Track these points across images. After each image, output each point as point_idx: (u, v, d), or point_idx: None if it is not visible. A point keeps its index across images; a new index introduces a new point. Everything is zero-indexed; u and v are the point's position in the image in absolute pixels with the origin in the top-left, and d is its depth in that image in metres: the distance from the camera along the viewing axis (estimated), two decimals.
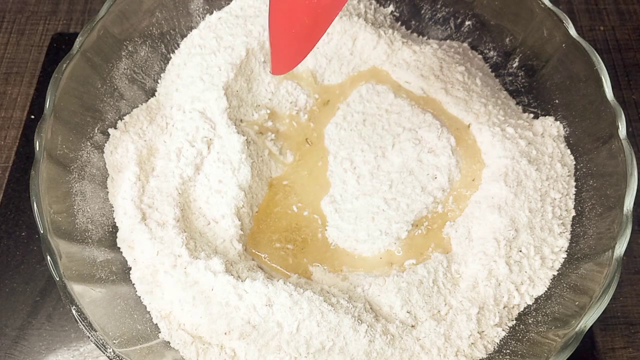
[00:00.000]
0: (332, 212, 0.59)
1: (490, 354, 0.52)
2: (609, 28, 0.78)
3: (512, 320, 0.54)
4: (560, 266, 0.55)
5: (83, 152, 0.57)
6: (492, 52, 0.68)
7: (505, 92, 0.67)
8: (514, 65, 0.66)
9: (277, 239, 0.59)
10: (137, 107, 0.63)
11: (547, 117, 0.64)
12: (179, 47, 0.67)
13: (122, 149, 0.59)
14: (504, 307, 0.54)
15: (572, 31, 0.58)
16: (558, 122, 0.63)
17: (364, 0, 0.69)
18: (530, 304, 0.54)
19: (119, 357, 0.47)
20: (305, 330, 0.50)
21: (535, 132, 0.62)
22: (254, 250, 0.58)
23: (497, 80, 0.68)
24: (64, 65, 0.55)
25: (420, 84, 0.65)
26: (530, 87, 0.65)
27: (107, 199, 0.58)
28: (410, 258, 0.57)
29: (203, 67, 0.63)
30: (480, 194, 0.59)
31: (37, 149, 0.52)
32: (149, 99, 0.64)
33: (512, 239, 0.55)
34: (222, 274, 0.52)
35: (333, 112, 0.65)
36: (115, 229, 0.57)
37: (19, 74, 0.75)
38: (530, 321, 0.53)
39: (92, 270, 0.53)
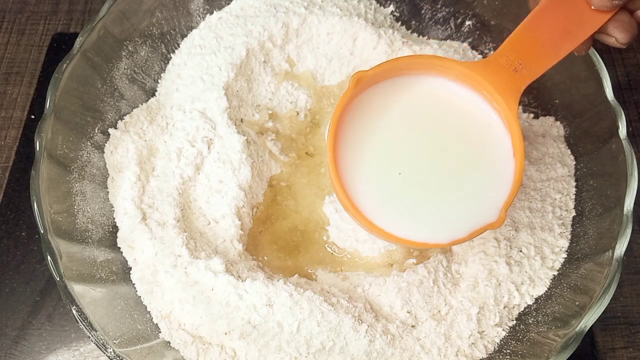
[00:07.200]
0: (332, 212, 0.59)
1: (490, 354, 0.52)
2: None
3: (513, 320, 0.54)
4: (560, 266, 0.55)
5: (83, 152, 0.57)
6: (492, 52, 0.68)
7: None
8: None
9: (277, 239, 0.59)
10: (138, 107, 0.63)
11: (547, 117, 0.64)
12: (179, 47, 0.67)
13: (122, 149, 0.59)
14: (504, 307, 0.54)
15: None
16: (558, 122, 0.63)
17: (364, 0, 0.69)
18: (531, 303, 0.54)
19: (119, 357, 0.47)
20: (305, 330, 0.50)
21: (535, 132, 0.62)
22: (253, 251, 0.58)
23: None
24: (64, 65, 0.55)
25: None
26: (531, 87, 0.65)
27: (108, 199, 0.58)
28: (410, 258, 0.57)
29: (203, 67, 0.63)
30: None
31: (37, 149, 0.52)
32: (149, 99, 0.64)
33: (512, 239, 0.55)
34: (223, 273, 0.52)
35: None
36: (115, 229, 0.57)
37: (19, 74, 0.75)
38: (530, 321, 0.53)
39: (92, 270, 0.53)
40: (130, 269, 0.55)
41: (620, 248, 0.49)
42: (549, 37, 0.47)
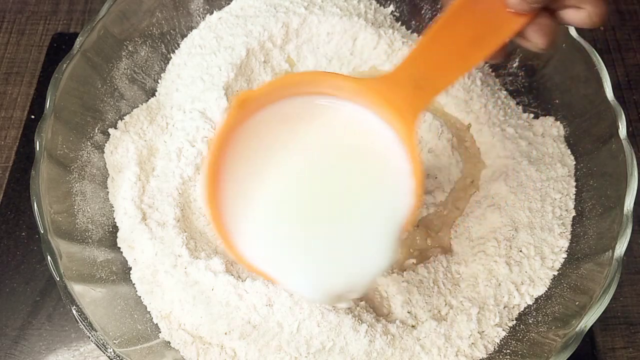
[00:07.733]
0: None
1: (490, 354, 0.52)
2: (609, 28, 0.78)
3: (513, 320, 0.54)
4: (560, 266, 0.55)
5: (83, 152, 0.57)
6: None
7: (505, 92, 0.67)
8: (514, 65, 0.66)
9: None
10: (137, 107, 0.63)
11: (547, 117, 0.64)
12: (179, 47, 0.67)
13: (122, 149, 0.59)
14: (504, 307, 0.54)
15: (573, 31, 0.58)
16: (558, 122, 0.63)
17: (364, 0, 0.69)
18: (531, 303, 0.54)
19: (119, 357, 0.47)
20: (305, 330, 0.50)
21: (535, 132, 0.62)
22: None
23: (497, 80, 0.67)
24: (64, 65, 0.55)
25: None
26: (531, 87, 0.65)
27: (108, 199, 0.58)
28: (410, 258, 0.57)
29: (203, 67, 0.63)
30: (480, 194, 0.59)
31: (37, 149, 0.52)
32: (149, 99, 0.64)
33: (512, 239, 0.55)
34: (223, 273, 0.52)
35: None
36: (115, 229, 0.57)
37: (19, 74, 0.75)
38: (530, 321, 0.53)
39: (92, 270, 0.53)
40: (130, 269, 0.55)
41: (620, 248, 0.49)
42: (458, 45, 0.42)
